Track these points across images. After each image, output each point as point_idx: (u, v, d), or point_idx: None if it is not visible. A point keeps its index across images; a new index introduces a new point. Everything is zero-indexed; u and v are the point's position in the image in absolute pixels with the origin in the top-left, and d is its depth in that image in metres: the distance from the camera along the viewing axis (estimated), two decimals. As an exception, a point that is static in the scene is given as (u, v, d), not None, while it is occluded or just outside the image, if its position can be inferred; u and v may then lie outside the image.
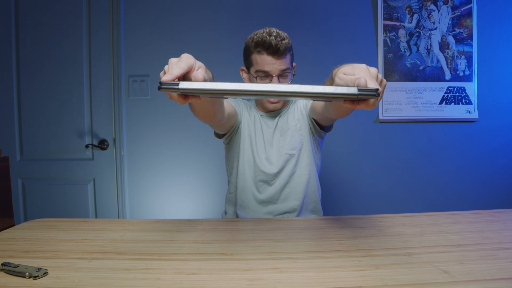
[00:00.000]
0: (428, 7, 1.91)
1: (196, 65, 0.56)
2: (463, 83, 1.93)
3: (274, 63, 1.04)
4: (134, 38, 1.90)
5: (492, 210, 0.95)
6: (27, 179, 1.93)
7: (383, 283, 0.53)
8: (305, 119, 1.15)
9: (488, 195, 1.96)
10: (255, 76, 1.07)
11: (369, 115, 1.92)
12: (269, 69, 1.04)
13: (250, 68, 1.10)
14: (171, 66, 0.54)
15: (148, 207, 1.93)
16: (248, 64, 1.10)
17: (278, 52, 1.03)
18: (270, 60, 1.04)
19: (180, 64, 0.53)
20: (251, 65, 1.09)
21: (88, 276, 0.57)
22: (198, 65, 0.56)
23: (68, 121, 1.90)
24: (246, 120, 1.17)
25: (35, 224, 0.92)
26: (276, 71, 1.04)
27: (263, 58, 1.04)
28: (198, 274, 0.57)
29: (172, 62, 0.54)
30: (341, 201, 1.94)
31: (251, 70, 1.09)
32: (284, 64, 1.05)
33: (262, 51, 1.04)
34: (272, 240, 0.75)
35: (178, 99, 0.54)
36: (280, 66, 1.04)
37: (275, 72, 1.04)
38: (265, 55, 1.04)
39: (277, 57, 1.03)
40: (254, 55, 1.06)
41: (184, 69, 0.52)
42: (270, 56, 1.03)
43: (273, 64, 1.04)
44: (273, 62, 1.04)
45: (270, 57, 1.03)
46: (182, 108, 1.90)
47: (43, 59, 1.90)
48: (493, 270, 0.56)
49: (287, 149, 1.13)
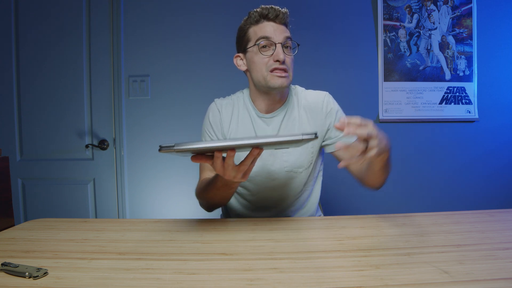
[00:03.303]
0: (428, 7, 1.91)
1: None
2: (463, 83, 1.93)
3: (276, 29, 0.95)
4: (134, 38, 1.90)
5: (492, 210, 0.95)
6: (27, 179, 1.93)
7: (383, 283, 0.53)
8: (320, 139, 1.05)
9: (488, 195, 1.96)
10: (256, 43, 0.96)
11: (369, 115, 1.92)
12: (271, 35, 0.94)
13: (247, 45, 0.99)
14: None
15: (148, 207, 1.93)
16: (245, 43, 1.00)
17: (279, 17, 0.95)
18: (272, 25, 0.95)
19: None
20: (249, 41, 0.99)
21: (88, 276, 0.57)
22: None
23: (68, 121, 1.90)
24: (233, 129, 1.05)
25: (35, 224, 0.92)
26: (279, 38, 0.95)
27: (263, 25, 0.96)
28: (198, 274, 0.57)
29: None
30: (341, 201, 1.94)
31: (249, 45, 0.98)
32: (286, 31, 0.97)
33: (261, 20, 0.96)
34: (272, 240, 0.75)
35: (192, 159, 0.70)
36: (282, 33, 0.95)
37: (278, 39, 0.94)
38: (265, 22, 0.96)
39: (278, 22, 0.96)
40: (252, 29, 0.98)
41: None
42: (271, 22, 0.96)
43: (274, 30, 0.95)
44: (275, 27, 0.95)
45: (271, 23, 0.95)
46: (182, 108, 1.90)
47: (43, 59, 1.90)
48: (493, 270, 0.56)
49: (293, 165, 1.03)
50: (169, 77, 1.90)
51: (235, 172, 0.73)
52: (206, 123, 1.09)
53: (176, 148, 0.62)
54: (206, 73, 1.90)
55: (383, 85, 1.92)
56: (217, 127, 1.07)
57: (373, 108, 1.93)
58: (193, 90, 1.90)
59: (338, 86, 1.90)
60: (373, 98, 1.92)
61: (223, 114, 1.07)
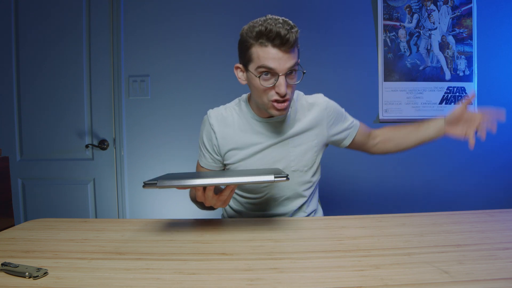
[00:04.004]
0: (428, 7, 1.91)
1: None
2: (463, 83, 1.93)
3: (280, 58, 0.84)
4: (134, 38, 1.90)
5: (492, 210, 0.95)
6: (27, 179, 1.93)
7: (383, 283, 0.53)
8: (324, 136, 1.06)
9: (488, 195, 1.96)
10: (257, 75, 0.87)
11: (369, 115, 1.92)
12: (275, 66, 0.84)
13: (249, 64, 0.90)
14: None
15: (148, 207, 1.93)
16: (246, 60, 0.90)
17: (287, 43, 0.83)
18: (276, 54, 0.84)
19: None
20: (251, 61, 0.88)
21: (88, 276, 0.57)
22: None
23: (68, 121, 1.90)
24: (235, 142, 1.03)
25: (35, 224, 0.92)
26: (283, 68, 0.85)
27: (267, 51, 0.84)
28: (198, 274, 0.57)
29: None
30: (341, 201, 1.94)
31: (251, 67, 0.89)
32: (293, 58, 0.86)
33: (265, 42, 0.84)
34: (272, 240, 0.75)
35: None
36: (287, 62, 0.85)
37: (282, 70, 0.85)
38: (270, 48, 0.84)
39: (284, 50, 0.84)
40: (254, 48, 0.86)
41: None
42: (276, 49, 0.84)
43: (279, 59, 0.84)
44: (280, 56, 0.84)
45: (276, 50, 0.84)
46: (182, 108, 1.90)
47: (43, 59, 1.90)
48: (493, 270, 0.56)
49: (298, 165, 1.04)
50: (169, 77, 1.90)
51: (215, 201, 0.80)
52: (200, 139, 1.09)
53: (158, 185, 0.72)
54: (206, 73, 1.90)
55: (383, 85, 1.92)
56: (209, 144, 1.05)
57: (373, 108, 1.93)
58: (193, 90, 1.90)
59: (338, 86, 1.90)
60: (373, 98, 1.92)
61: (217, 129, 1.03)
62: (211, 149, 1.05)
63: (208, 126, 1.05)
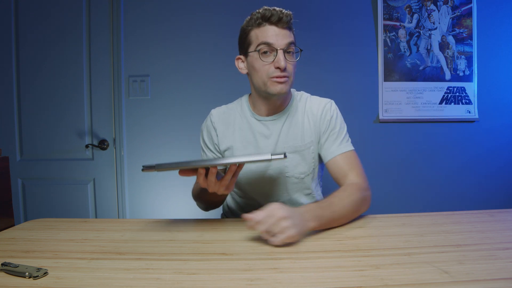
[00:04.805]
0: (428, 7, 1.91)
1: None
2: (463, 83, 1.93)
3: (278, 34, 0.91)
4: (134, 38, 1.90)
5: (492, 210, 0.95)
6: (27, 179, 1.93)
7: (383, 283, 0.53)
8: (316, 143, 1.03)
9: (488, 195, 1.96)
10: (257, 49, 0.93)
11: (369, 115, 1.92)
12: (273, 41, 0.91)
13: (249, 48, 0.96)
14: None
15: (148, 207, 1.93)
16: (247, 45, 0.97)
17: (281, 21, 0.91)
18: (273, 30, 0.92)
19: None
20: (250, 44, 0.96)
21: (88, 276, 0.57)
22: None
23: (68, 121, 1.90)
24: (236, 138, 1.04)
25: (35, 224, 0.92)
26: (281, 43, 0.91)
27: (265, 30, 0.92)
28: (198, 274, 0.57)
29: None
30: (341, 201, 1.93)
31: (251, 48, 0.95)
32: (289, 36, 0.93)
33: (263, 22, 0.92)
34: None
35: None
36: (285, 38, 0.92)
37: (280, 45, 0.91)
38: (267, 26, 0.92)
39: (281, 26, 0.92)
40: (253, 31, 0.94)
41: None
42: (273, 25, 0.92)
43: (276, 35, 0.91)
44: (277, 32, 0.92)
45: (273, 27, 0.92)
46: (182, 108, 1.90)
47: (43, 59, 1.90)
48: (493, 270, 0.56)
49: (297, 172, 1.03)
50: (169, 77, 1.90)
51: (217, 187, 0.80)
52: (201, 137, 1.12)
53: (157, 168, 0.71)
54: (206, 73, 1.90)
55: (383, 85, 1.92)
56: (210, 142, 1.09)
57: (373, 108, 1.93)
58: (193, 90, 1.90)
59: (338, 86, 1.90)
60: (373, 98, 1.92)
61: (218, 127, 1.06)
62: (212, 146, 1.09)
63: (209, 123, 1.09)
